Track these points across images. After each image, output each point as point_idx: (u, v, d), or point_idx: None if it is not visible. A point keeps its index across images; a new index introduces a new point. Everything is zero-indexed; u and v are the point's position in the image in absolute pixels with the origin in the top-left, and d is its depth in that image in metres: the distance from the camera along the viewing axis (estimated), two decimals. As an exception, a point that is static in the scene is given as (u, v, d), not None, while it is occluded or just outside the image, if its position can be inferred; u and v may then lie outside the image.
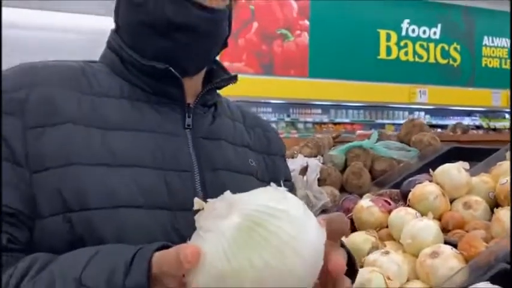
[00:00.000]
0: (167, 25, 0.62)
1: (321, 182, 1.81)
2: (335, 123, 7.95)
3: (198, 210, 0.44)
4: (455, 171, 1.40)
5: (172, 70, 0.63)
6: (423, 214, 1.31)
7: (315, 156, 1.94)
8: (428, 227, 1.22)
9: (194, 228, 0.43)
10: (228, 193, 0.44)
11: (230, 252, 0.40)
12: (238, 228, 0.41)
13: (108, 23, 0.73)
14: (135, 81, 0.66)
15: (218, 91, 0.75)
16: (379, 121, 8.17)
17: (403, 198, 1.51)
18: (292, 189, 0.87)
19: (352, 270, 0.57)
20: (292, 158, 2.01)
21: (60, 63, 0.65)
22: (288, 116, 7.78)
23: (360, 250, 1.20)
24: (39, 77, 0.61)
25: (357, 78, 7.54)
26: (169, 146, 0.63)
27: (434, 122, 8.27)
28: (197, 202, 0.44)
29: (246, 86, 6.88)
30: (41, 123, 0.58)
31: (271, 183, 0.46)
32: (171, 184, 0.60)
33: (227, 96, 0.80)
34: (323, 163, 1.89)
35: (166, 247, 0.45)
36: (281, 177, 0.79)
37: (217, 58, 0.75)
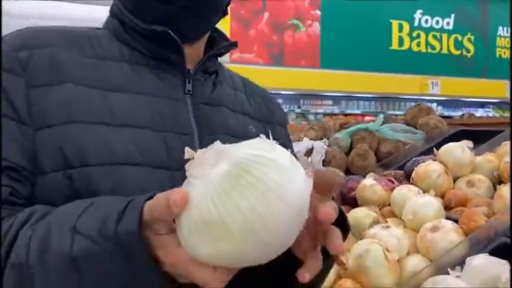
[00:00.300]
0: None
1: (326, 164, 1.81)
2: (346, 115, 7.92)
3: None
4: (459, 150, 1.39)
5: (171, 33, 0.64)
6: (426, 192, 1.31)
7: (321, 139, 1.95)
8: (430, 203, 1.22)
9: None
10: (217, 143, 0.45)
11: (217, 197, 0.42)
12: (226, 175, 0.42)
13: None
14: (135, 45, 0.67)
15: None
16: (391, 112, 8.10)
17: (407, 178, 1.51)
18: None
19: (343, 228, 0.58)
20: (298, 141, 2.02)
21: (64, 27, 0.67)
22: (299, 107, 7.76)
23: (360, 225, 1.21)
24: (43, 38, 0.63)
25: (369, 69, 7.49)
26: (169, 110, 0.64)
27: (446, 113, 8.17)
28: (188, 151, 0.45)
29: (257, 77, 6.81)
30: (43, 82, 0.60)
31: (261, 135, 0.48)
32: (170, 145, 0.61)
33: None
34: (328, 146, 1.90)
35: None
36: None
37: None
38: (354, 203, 1.51)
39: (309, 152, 1.79)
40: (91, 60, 0.64)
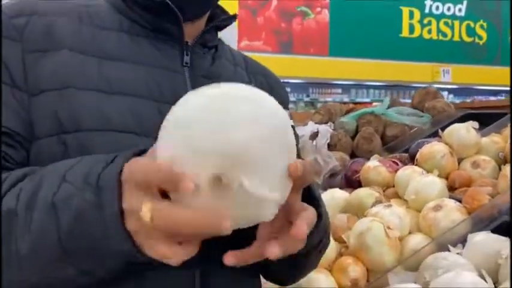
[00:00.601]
0: None
1: (331, 147, 1.81)
2: (355, 103, 7.86)
3: None
4: (464, 130, 1.38)
5: (170, 3, 0.64)
6: (430, 172, 1.31)
7: (326, 122, 1.94)
8: (433, 183, 1.22)
9: None
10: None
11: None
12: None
13: None
14: (135, 17, 0.67)
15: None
16: (401, 101, 8.04)
17: (412, 161, 1.51)
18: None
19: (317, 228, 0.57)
20: (304, 125, 2.02)
21: None
22: (308, 95, 7.73)
23: (363, 204, 1.21)
24: (40, 5, 0.63)
25: (379, 56, 7.42)
26: (166, 81, 0.64)
27: (458, 101, 8.09)
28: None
29: (265, 65, 6.87)
30: (39, 48, 0.59)
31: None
32: (165, 115, 0.62)
33: None
34: (334, 129, 1.89)
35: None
36: None
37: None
38: (358, 186, 1.51)
39: (314, 136, 1.79)
40: (89, 29, 0.64)
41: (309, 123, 1.93)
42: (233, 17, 0.73)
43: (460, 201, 1.18)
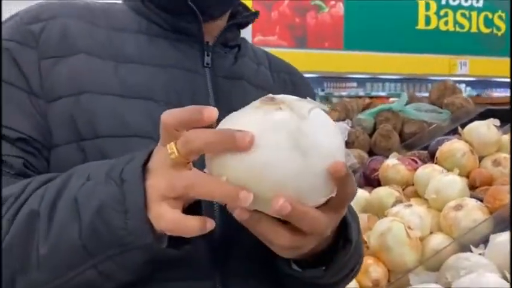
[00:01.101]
0: None
1: (349, 145, 1.81)
2: (371, 97, 7.79)
3: None
4: (484, 128, 1.37)
5: (189, 2, 0.62)
6: (450, 171, 1.30)
7: (343, 119, 1.94)
8: (454, 182, 1.21)
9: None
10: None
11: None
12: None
13: None
14: (153, 17, 0.65)
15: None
16: (418, 94, 7.94)
17: (431, 158, 1.50)
18: None
19: (346, 238, 0.54)
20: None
21: (79, 1, 0.67)
22: (322, 90, 7.69)
23: (383, 204, 1.21)
24: (56, 10, 0.62)
25: (394, 49, 7.33)
26: (185, 83, 0.62)
27: (475, 94, 7.97)
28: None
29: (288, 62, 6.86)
30: (55, 53, 0.58)
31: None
32: None
33: None
34: (352, 127, 1.89)
35: None
36: None
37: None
38: (377, 184, 1.51)
39: (332, 133, 1.79)
40: (105, 31, 0.62)
41: (326, 120, 1.93)
42: (255, 14, 0.71)
43: (481, 200, 1.17)
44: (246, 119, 0.42)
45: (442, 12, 7.75)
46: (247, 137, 0.39)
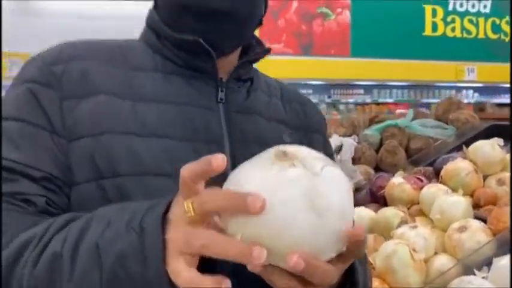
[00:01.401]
0: (204, 9, 0.63)
1: (356, 160, 1.84)
2: (378, 104, 7.81)
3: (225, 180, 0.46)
4: (488, 147, 1.39)
5: (202, 42, 0.64)
6: (455, 190, 1.32)
7: (350, 135, 1.97)
8: (458, 202, 1.24)
9: None
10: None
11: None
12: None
13: (142, 9, 0.75)
14: (168, 55, 0.67)
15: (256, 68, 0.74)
16: (425, 100, 7.94)
17: (436, 176, 1.52)
18: None
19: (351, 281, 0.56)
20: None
21: (98, 40, 0.69)
22: (329, 97, 7.71)
23: (389, 224, 1.24)
24: (77, 52, 0.65)
25: (401, 56, 7.33)
26: (200, 119, 0.64)
27: (483, 100, 7.94)
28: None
29: (285, 67, 6.87)
30: (76, 94, 0.61)
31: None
32: (200, 154, 0.57)
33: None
34: (358, 142, 1.92)
35: None
36: None
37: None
38: (383, 201, 1.54)
39: (339, 149, 1.82)
40: (123, 71, 0.65)
41: (333, 136, 1.96)
42: (267, 51, 0.73)
43: (485, 220, 1.20)
44: (260, 176, 0.44)
45: (449, 19, 7.75)
46: (258, 202, 0.41)
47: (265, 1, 0.71)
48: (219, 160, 0.43)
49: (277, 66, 6.88)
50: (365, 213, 1.35)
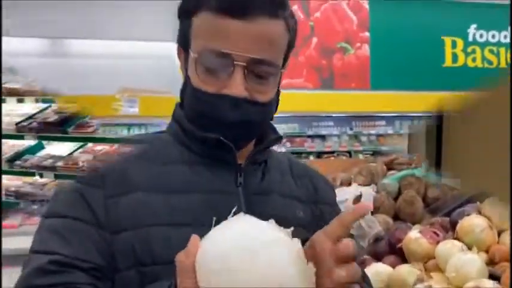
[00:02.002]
0: (219, 120, 0.75)
1: (375, 210, 1.90)
2: (400, 135, 7.80)
3: None
4: (502, 204, 1.44)
5: (224, 140, 0.75)
6: (470, 247, 1.38)
7: (369, 184, 2.04)
8: (473, 260, 1.29)
9: None
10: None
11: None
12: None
13: (173, 49, 0.84)
14: (194, 148, 0.79)
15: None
16: (447, 130, 7.89)
17: (452, 228, 1.58)
18: None
19: None
20: (349, 185, 2.12)
21: (136, 137, 0.83)
22: (351, 129, 7.77)
23: (405, 281, 1.30)
24: (118, 155, 0.78)
25: (422, 87, 7.37)
26: (223, 204, 0.73)
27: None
28: None
29: (307, 101, 7.03)
30: (117, 192, 0.73)
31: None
32: None
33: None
34: (377, 191, 1.98)
35: None
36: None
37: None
38: (401, 253, 1.60)
39: (358, 199, 1.89)
40: (156, 167, 0.76)
41: (352, 185, 2.04)
42: (279, 139, 0.84)
43: (499, 278, 1.25)
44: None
45: (469, 49, 7.79)
46: None
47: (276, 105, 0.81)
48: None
49: (298, 100, 7.02)
50: (382, 269, 1.42)
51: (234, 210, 0.62)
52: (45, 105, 3.40)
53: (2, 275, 1.77)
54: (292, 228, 0.59)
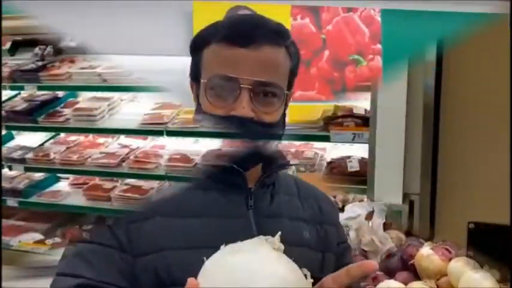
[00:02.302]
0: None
1: (387, 225, 1.92)
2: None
3: None
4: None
5: (235, 166, 0.82)
6: (482, 264, 1.38)
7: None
8: (484, 278, 1.30)
9: None
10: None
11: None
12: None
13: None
14: (208, 174, 0.85)
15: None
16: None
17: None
18: (346, 250, 0.99)
19: None
20: (361, 201, 2.14)
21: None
22: (364, 140, 7.74)
23: (417, 299, 1.32)
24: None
25: (435, 98, 7.34)
26: (235, 227, 0.80)
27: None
28: None
29: (319, 113, 7.06)
30: (138, 218, 0.79)
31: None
32: None
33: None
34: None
35: None
36: (333, 244, 0.92)
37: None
38: (413, 269, 1.61)
39: (370, 216, 1.91)
40: (174, 194, 0.83)
41: (364, 201, 2.06)
42: (287, 164, 0.90)
43: (512, 296, 1.25)
44: None
45: (482, 60, 7.76)
46: None
47: (283, 123, 0.86)
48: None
49: (310, 112, 7.04)
50: (395, 285, 1.43)
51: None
52: (14, 92, 3.12)
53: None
54: (309, 274, 0.64)
